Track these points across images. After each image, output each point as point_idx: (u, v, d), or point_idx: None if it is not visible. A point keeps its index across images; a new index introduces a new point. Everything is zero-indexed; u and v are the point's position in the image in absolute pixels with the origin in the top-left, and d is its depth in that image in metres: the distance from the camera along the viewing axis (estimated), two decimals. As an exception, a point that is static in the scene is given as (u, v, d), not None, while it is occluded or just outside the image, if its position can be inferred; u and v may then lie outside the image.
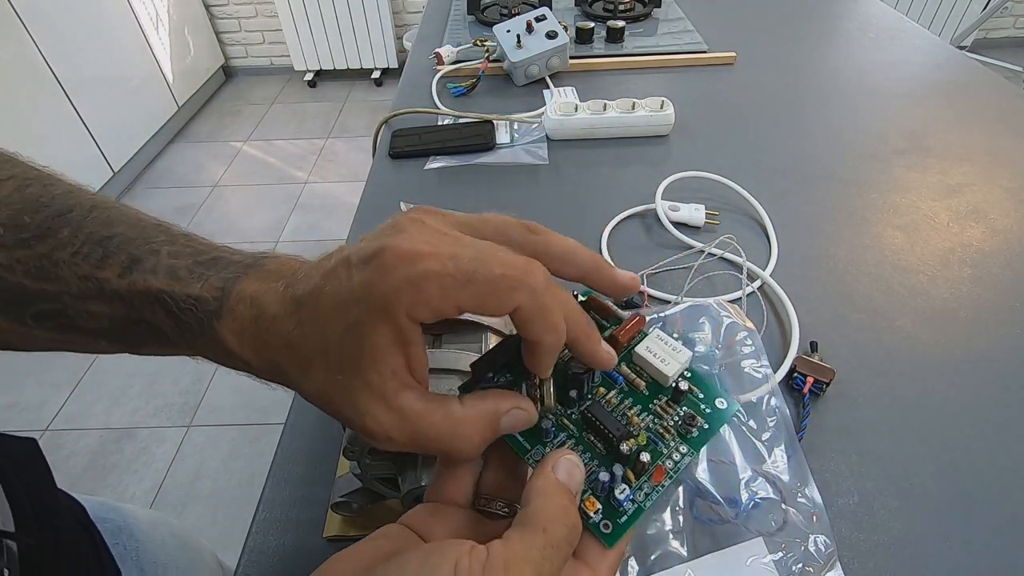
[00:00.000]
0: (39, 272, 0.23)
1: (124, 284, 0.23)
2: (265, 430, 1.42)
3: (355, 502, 0.35)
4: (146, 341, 0.24)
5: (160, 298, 0.23)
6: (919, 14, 2.66)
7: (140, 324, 0.23)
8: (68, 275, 0.23)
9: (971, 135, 0.71)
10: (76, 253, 0.23)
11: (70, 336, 0.24)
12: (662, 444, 0.23)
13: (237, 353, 0.23)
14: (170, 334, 0.23)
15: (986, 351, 0.46)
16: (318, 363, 0.21)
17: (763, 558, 0.34)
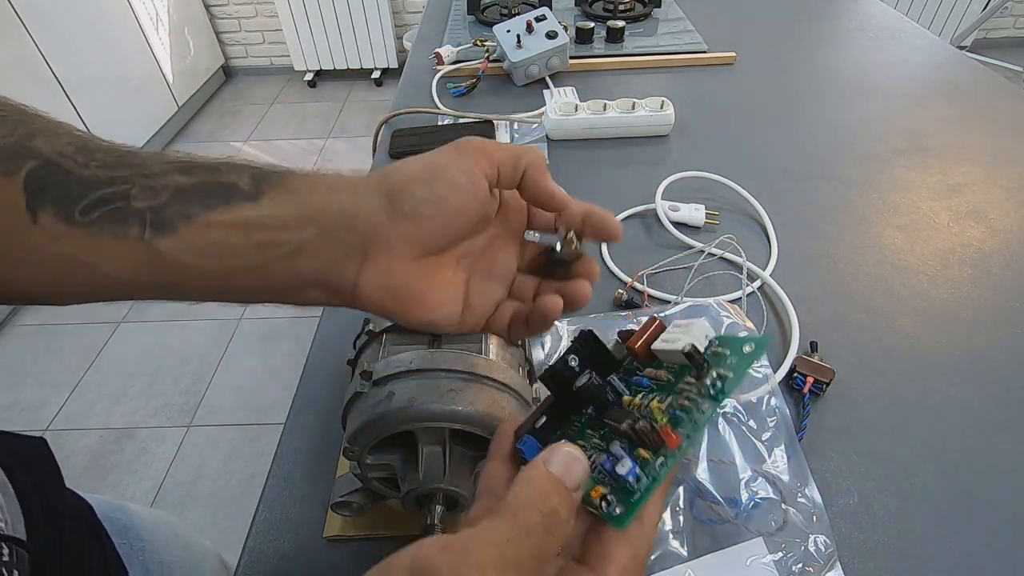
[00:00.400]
0: (117, 162, 0.23)
1: (215, 160, 0.24)
2: (265, 430, 1.42)
3: (355, 502, 0.35)
4: (195, 209, 0.23)
5: (254, 165, 0.24)
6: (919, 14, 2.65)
7: (209, 188, 0.23)
8: (150, 160, 0.23)
9: (971, 135, 0.71)
10: (163, 154, 0.24)
11: (107, 227, 0.22)
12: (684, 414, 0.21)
13: (325, 178, 0.24)
14: (246, 185, 0.23)
15: (986, 351, 0.46)
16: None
17: (763, 558, 0.34)
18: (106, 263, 0.22)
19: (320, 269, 0.23)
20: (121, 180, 0.22)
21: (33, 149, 0.22)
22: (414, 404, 0.29)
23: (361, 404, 0.31)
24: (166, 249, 0.22)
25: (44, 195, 0.22)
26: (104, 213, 0.22)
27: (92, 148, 0.23)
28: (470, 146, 0.25)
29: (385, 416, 0.29)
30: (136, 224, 0.22)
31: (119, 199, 0.22)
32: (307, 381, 0.46)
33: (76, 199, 0.22)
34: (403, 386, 0.30)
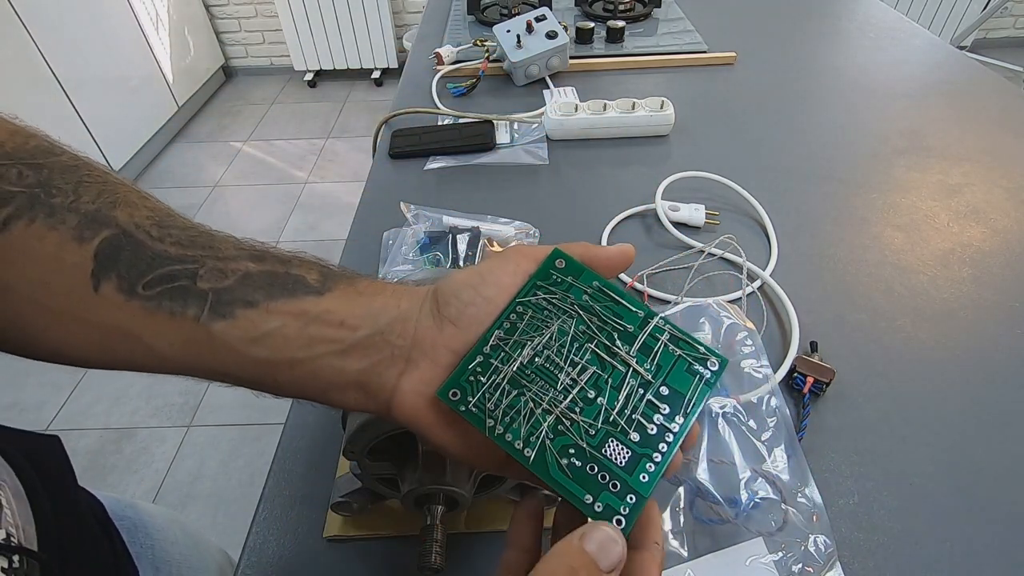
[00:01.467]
0: (191, 242, 0.23)
1: (288, 254, 0.24)
2: (265, 430, 1.42)
3: (355, 502, 0.35)
4: (257, 297, 0.23)
5: (328, 263, 0.25)
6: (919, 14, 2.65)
7: (277, 278, 0.23)
8: (224, 246, 0.23)
9: (971, 135, 0.71)
10: (238, 240, 0.24)
11: (166, 304, 0.22)
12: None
13: (385, 285, 0.25)
14: (313, 280, 0.24)
15: (986, 351, 0.46)
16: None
17: (763, 558, 0.34)
18: (155, 338, 0.22)
19: (364, 369, 0.23)
20: (191, 259, 0.23)
21: (112, 219, 0.22)
22: (414, 404, 0.29)
23: (361, 404, 0.31)
24: (219, 332, 0.22)
25: (112, 265, 0.22)
26: (166, 290, 0.22)
27: (169, 224, 0.23)
28: (514, 250, 0.26)
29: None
30: (195, 305, 0.22)
31: (185, 278, 0.22)
32: (307, 381, 0.46)
33: (142, 272, 0.22)
34: (403, 386, 0.30)
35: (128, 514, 0.46)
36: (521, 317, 0.24)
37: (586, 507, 0.21)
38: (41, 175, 0.23)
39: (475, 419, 0.22)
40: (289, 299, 0.23)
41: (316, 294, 0.23)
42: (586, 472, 0.21)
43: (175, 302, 0.22)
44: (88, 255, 0.22)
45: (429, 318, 0.24)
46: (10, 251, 0.22)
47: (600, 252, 0.26)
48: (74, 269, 0.22)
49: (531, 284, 0.25)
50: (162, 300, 0.22)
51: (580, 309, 0.24)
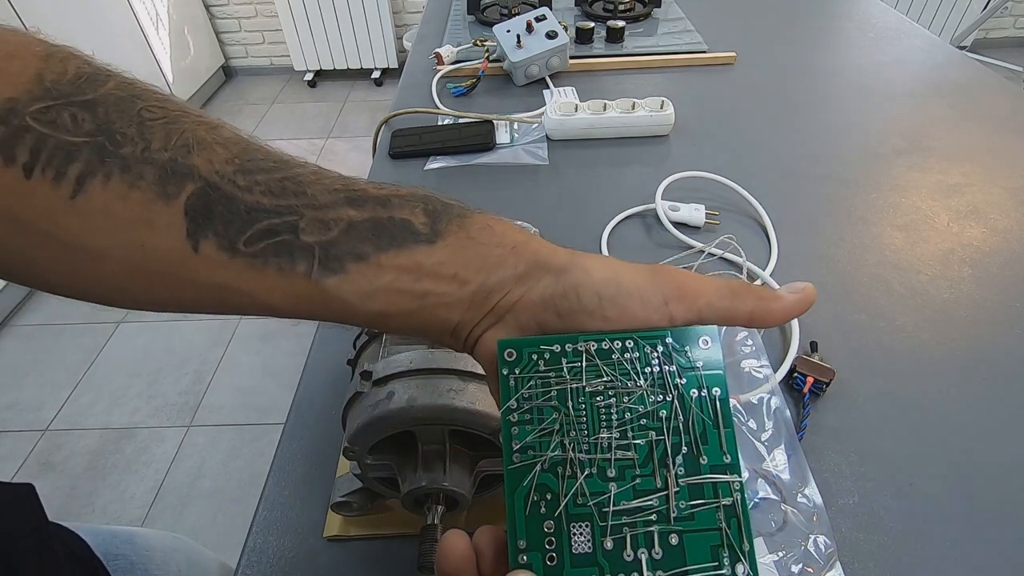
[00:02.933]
0: (281, 190, 0.21)
1: (385, 191, 0.23)
2: (265, 430, 1.42)
3: (355, 502, 0.35)
4: (366, 249, 0.22)
5: (427, 197, 0.23)
6: (919, 14, 2.65)
7: (382, 224, 0.22)
8: (315, 190, 0.22)
9: (971, 135, 0.71)
10: (323, 178, 0.22)
11: (272, 260, 0.21)
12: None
13: (510, 234, 0.23)
14: (421, 224, 0.22)
15: (986, 351, 0.46)
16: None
17: (763, 558, 0.34)
18: (265, 294, 0.21)
19: (464, 321, 0.23)
20: (288, 210, 0.21)
21: (192, 169, 0.21)
22: (414, 404, 0.29)
23: (361, 404, 0.31)
24: (331, 288, 0.21)
25: (206, 223, 0.21)
26: (269, 245, 0.21)
27: (251, 168, 0.22)
28: (669, 278, 0.22)
29: (385, 416, 0.29)
30: (303, 260, 0.21)
31: (286, 231, 0.21)
32: (307, 381, 0.46)
33: (241, 229, 0.21)
34: (403, 386, 0.30)
35: (124, 551, 0.45)
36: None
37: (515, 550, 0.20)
38: (98, 117, 0.20)
39: (504, 387, 0.21)
40: (399, 250, 0.22)
41: (427, 243, 0.22)
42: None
43: (281, 258, 0.21)
44: (178, 214, 0.20)
45: (539, 296, 0.22)
46: (94, 216, 0.20)
47: (776, 306, 0.24)
48: (169, 230, 0.20)
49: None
50: (268, 256, 0.21)
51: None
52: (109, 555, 0.43)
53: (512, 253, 0.22)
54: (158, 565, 0.47)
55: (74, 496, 1.29)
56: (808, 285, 0.24)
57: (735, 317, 0.23)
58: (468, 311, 0.22)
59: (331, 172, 0.23)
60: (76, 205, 0.20)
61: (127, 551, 0.45)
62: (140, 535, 0.48)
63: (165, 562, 0.48)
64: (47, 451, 1.37)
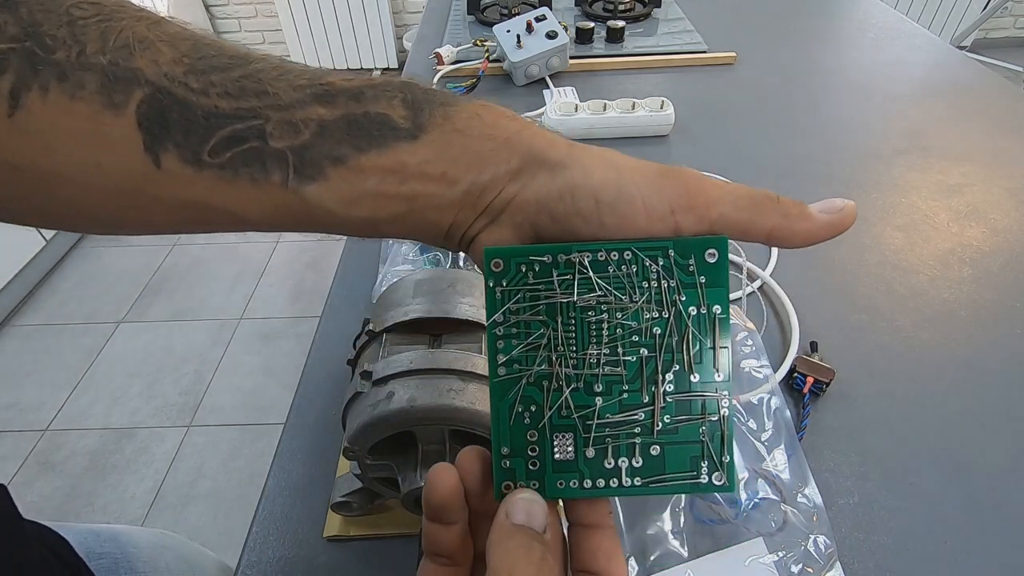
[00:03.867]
0: (239, 90, 0.19)
1: (356, 82, 0.20)
2: (265, 430, 1.42)
3: (355, 502, 0.35)
4: (345, 151, 0.20)
5: (406, 83, 0.21)
6: (919, 14, 2.65)
7: (358, 121, 0.20)
8: (278, 87, 0.20)
9: (971, 135, 0.71)
10: (286, 72, 0.20)
11: (243, 171, 0.19)
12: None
13: (502, 111, 0.21)
14: (400, 117, 0.20)
15: (986, 351, 0.46)
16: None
17: (763, 558, 0.34)
18: (243, 208, 0.20)
19: (457, 223, 0.21)
20: (251, 114, 0.19)
21: (137, 73, 0.19)
22: (414, 404, 0.29)
23: (361, 404, 0.31)
24: (312, 196, 0.20)
25: (165, 134, 0.19)
26: (237, 154, 0.19)
27: (203, 67, 0.19)
28: (679, 180, 0.20)
29: (385, 416, 0.29)
30: (278, 169, 0.19)
31: (253, 137, 0.19)
32: (307, 381, 0.46)
33: (203, 138, 0.19)
34: (403, 386, 0.30)
35: (108, 549, 0.44)
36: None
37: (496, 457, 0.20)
38: (22, 19, 0.18)
39: (491, 299, 0.20)
40: (381, 149, 0.20)
41: (410, 138, 0.20)
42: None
43: (252, 167, 0.19)
44: (131, 126, 0.19)
45: (534, 195, 0.20)
46: (39, 134, 0.18)
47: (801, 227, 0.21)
48: (124, 144, 0.19)
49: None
50: (238, 167, 0.19)
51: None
52: (92, 554, 0.42)
53: (505, 145, 0.20)
54: (145, 562, 0.46)
55: (74, 496, 1.29)
56: (849, 203, 0.21)
57: (752, 233, 0.21)
58: (460, 212, 0.21)
59: (295, 64, 0.21)
60: (16, 123, 0.18)
61: (111, 549, 0.44)
62: (125, 533, 0.47)
63: (153, 559, 0.47)
64: (47, 451, 1.37)
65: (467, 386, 0.30)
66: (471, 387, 0.30)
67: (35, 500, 1.29)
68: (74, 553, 0.41)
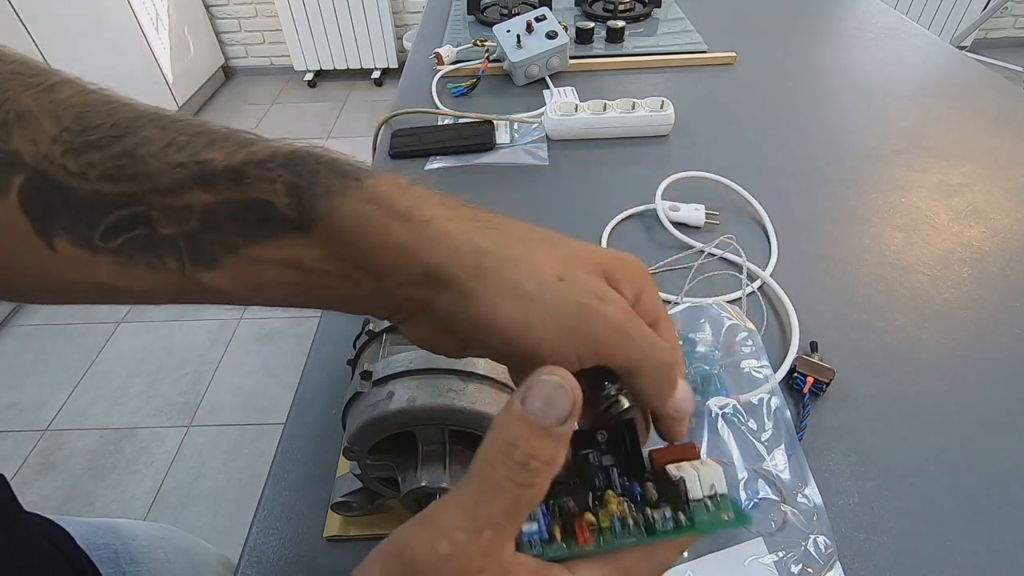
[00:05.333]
0: (118, 171, 0.18)
1: (239, 157, 0.19)
2: (265, 430, 1.42)
3: (355, 502, 0.35)
4: (236, 241, 0.19)
5: (292, 156, 0.19)
6: (919, 14, 2.65)
7: (242, 209, 0.19)
8: (158, 168, 0.19)
9: (971, 135, 0.71)
10: (168, 145, 0.19)
11: (139, 257, 0.19)
12: (620, 526, 0.19)
13: (398, 200, 0.19)
14: (285, 206, 0.19)
15: (986, 351, 0.46)
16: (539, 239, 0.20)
17: (763, 558, 0.34)
18: (147, 291, 0.19)
19: (376, 313, 0.21)
20: (132, 200, 0.19)
21: (14, 156, 0.18)
22: (414, 404, 0.29)
23: (361, 404, 0.31)
24: (212, 283, 0.19)
25: (52, 219, 0.18)
26: (127, 241, 0.19)
27: (83, 145, 0.19)
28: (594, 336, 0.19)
29: (385, 416, 0.29)
30: (172, 256, 0.19)
31: (140, 224, 0.19)
32: (307, 381, 0.46)
33: (91, 223, 0.18)
34: (403, 386, 0.30)
35: (108, 541, 0.44)
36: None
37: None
38: None
39: None
40: (272, 240, 0.19)
41: (300, 231, 0.19)
42: None
43: (147, 254, 0.19)
44: (15, 211, 0.18)
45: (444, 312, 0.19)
46: None
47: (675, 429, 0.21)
48: (13, 228, 0.18)
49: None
50: (132, 252, 0.19)
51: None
52: (92, 546, 0.42)
53: (400, 255, 0.19)
54: (144, 553, 0.46)
55: (74, 496, 1.29)
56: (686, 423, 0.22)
57: (642, 403, 0.21)
58: (372, 306, 0.20)
59: (179, 126, 0.20)
60: None
61: (111, 540, 0.45)
62: (124, 525, 0.47)
63: (152, 550, 0.47)
64: (47, 451, 1.37)
65: (467, 386, 0.30)
66: (471, 387, 0.30)
67: (35, 500, 1.29)
68: (75, 545, 0.41)
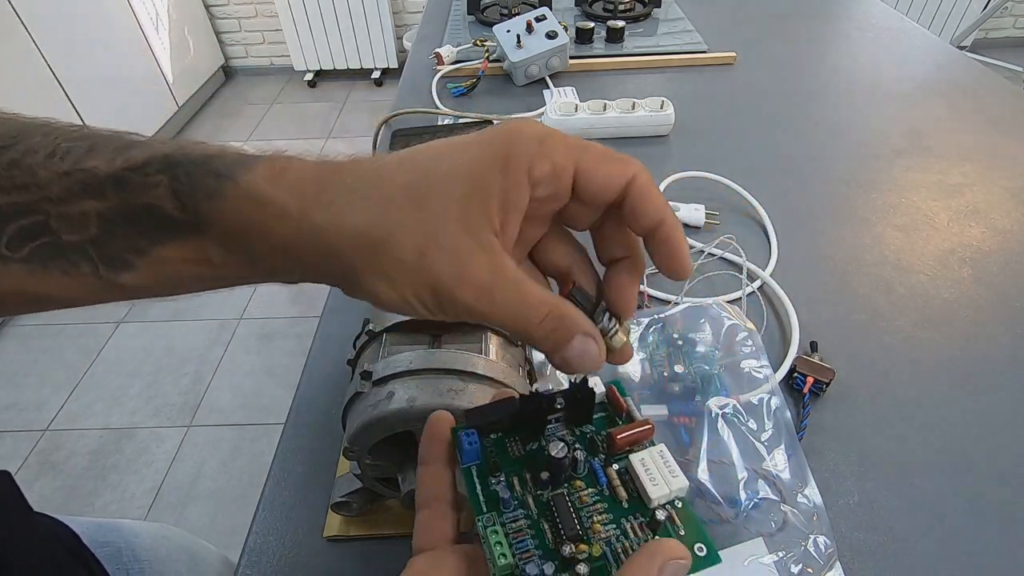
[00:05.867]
0: (9, 183, 0.19)
1: (118, 163, 0.19)
2: (265, 430, 1.42)
3: (355, 502, 0.35)
4: (140, 243, 0.19)
5: (167, 159, 0.19)
6: (919, 14, 2.65)
7: (135, 214, 0.19)
8: (46, 176, 0.19)
9: (971, 135, 0.71)
10: (52, 153, 0.19)
11: (51, 265, 0.19)
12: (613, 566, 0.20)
13: (269, 198, 0.19)
14: (172, 209, 0.19)
15: (986, 351, 0.46)
16: (404, 201, 0.19)
17: (763, 558, 0.34)
18: (69, 295, 0.20)
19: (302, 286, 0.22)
20: (28, 209, 0.19)
21: None
22: (414, 404, 0.29)
23: (361, 404, 0.31)
24: (131, 282, 0.20)
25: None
26: (35, 249, 0.19)
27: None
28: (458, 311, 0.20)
29: (385, 416, 0.29)
30: (83, 260, 0.19)
31: (43, 232, 0.19)
32: (307, 381, 0.46)
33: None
34: (403, 386, 0.30)
35: (111, 539, 0.45)
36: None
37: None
38: None
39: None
40: (175, 240, 0.19)
41: (196, 232, 0.19)
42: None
43: (59, 260, 0.19)
44: None
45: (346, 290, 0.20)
46: None
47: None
48: None
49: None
50: (44, 260, 0.19)
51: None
52: (95, 543, 0.43)
53: (287, 255, 0.20)
54: (146, 550, 0.47)
55: (74, 496, 1.29)
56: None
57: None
58: (291, 282, 0.21)
59: (63, 132, 0.20)
60: None
61: (113, 538, 0.45)
62: (126, 524, 0.48)
63: (154, 548, 0.48)
64: (47, 451, 1.37)
65: (467, 386, 0.30)
66: (471, 387, 0.30)
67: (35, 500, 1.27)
68: (81, 543, 0.42)
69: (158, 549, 0.48)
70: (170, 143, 0.20)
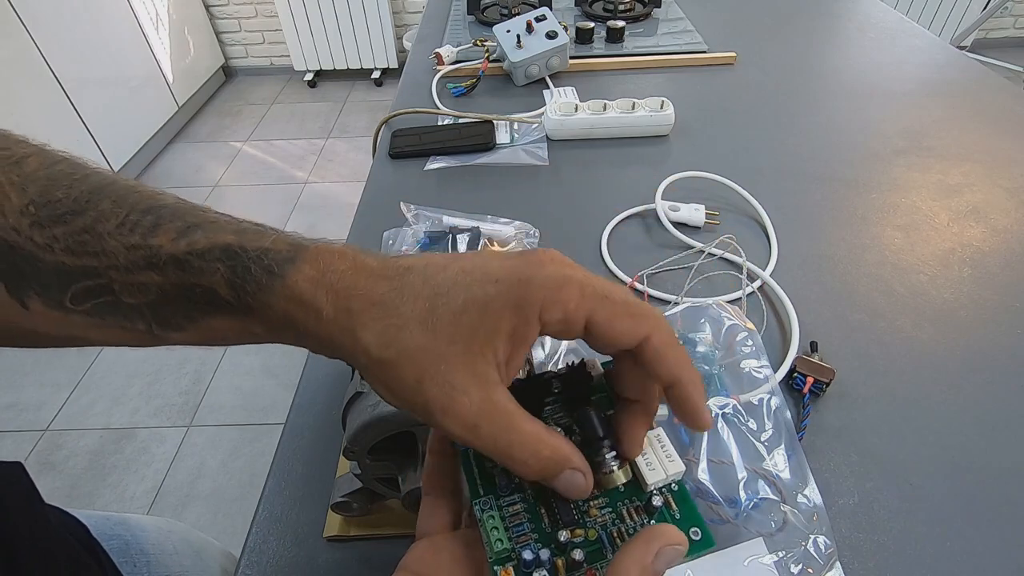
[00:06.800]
0: (80, 247, 0.21)
1: (181, 246, 0.21)
2: (265, 430, 1.42)
3: (355, 502, 0.35)
4: (193, 314, 0.22)
5: (227, 250, 0.21)
6: (919, 14, 2.65)
7: (191, 291, 0.21)
8: (114, 247, 0.21)
9: (971, 135, 0.71)
10: (122, 224, 0.21)
11: (110, 319, 0.21)
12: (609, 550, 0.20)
13: (309, 300, 0.21)
14: (226, 295, 0.21)
15: (986, 351, 0.46)
16: (415, 327, 0.20)
17: (763, 558, 0.34)
18: (122, 343, 0.22)
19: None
20: (94, 272, 0.21)
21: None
22: (414, 404, 0.29)
23: (361, 404, 0.31)
24: (181, 341, 0.22)
25: (23, 283, 0.20)
26: (97, 305, 0.21)
27: (48, 218, 0.21)
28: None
29: (385, 416, 0.29)
30: (140, 320, 0.21)
31: (106, 292, 0.21)
32: (307, 381, 0.46)
33: (60, 288, 0.21)
34: (403, 386, 0.30)
35: (118, 532, 0.45)
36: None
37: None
38: None
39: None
40: (223, 317, 0.22)
41: (247, 312, 0.21)
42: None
43: (116, 316, 0.21)
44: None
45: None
46: None
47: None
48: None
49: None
50: (103, 314, 0.21)
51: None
52: (104, 536, 0.43)
53: (325, 347, 0.22)
54: (153, 544, 0.47)
55: (74, 496, 1.29)
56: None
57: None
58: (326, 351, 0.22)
59: (132, 200, 0.22)
60: None
61: (121, 532, 0.46)
62: (133, 519, 0.49)
63: (160, 542, 0.48)
64: (47, 451, 1.37)
65: (467, 386, 0.30)
66: (471, 387, 0.30)
67: (35, 500, 1.29)
68: (90, 535, 0.42)
69: (164, 543, 0.48)
70: (230, 228, 0.22)
